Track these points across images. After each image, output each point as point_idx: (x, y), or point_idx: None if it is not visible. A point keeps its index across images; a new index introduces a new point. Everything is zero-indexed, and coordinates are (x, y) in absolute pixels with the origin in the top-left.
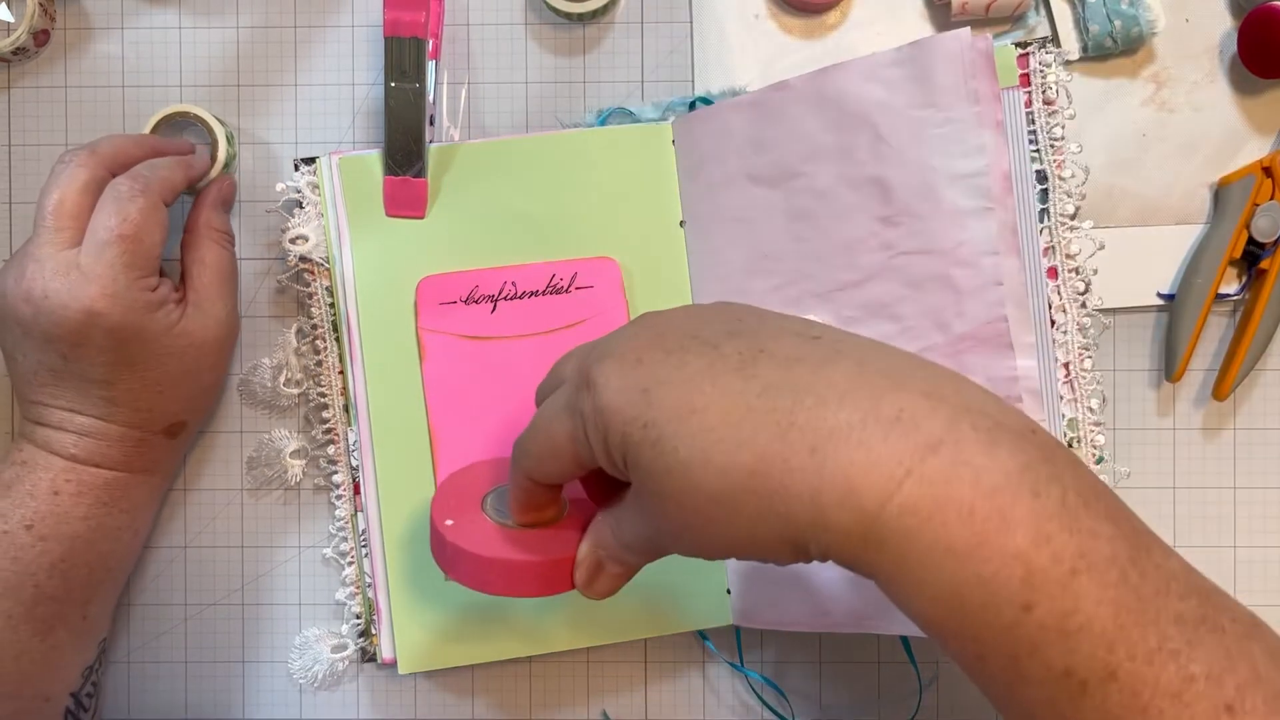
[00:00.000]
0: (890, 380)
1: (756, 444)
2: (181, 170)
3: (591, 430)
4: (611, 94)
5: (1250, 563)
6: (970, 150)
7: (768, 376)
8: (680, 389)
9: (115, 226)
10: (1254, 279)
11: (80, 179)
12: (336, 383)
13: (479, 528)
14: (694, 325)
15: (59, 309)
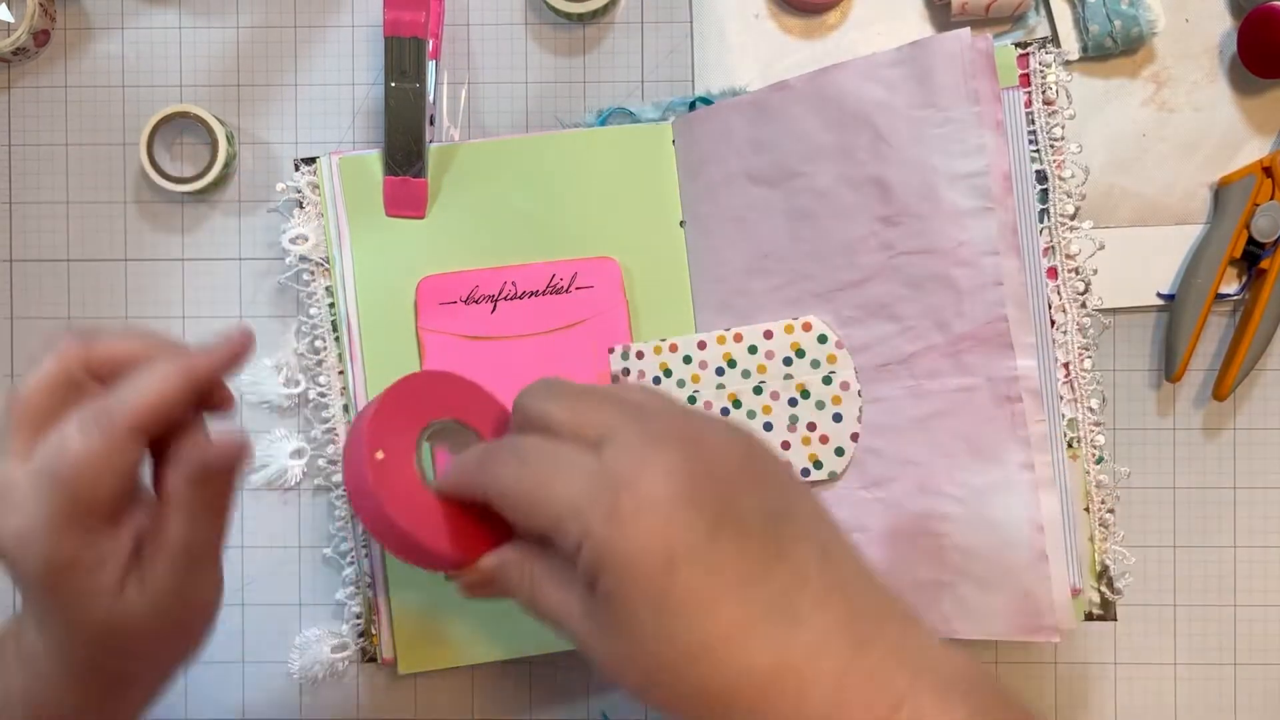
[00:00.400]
0: (870, 627)
1: (747, 664)
2: (173, 382)
3: (593, 547)
4: (611, 94)
5: (1250, 562)
6: (970, 150)
7: (778, 588)
8: (704, 579)
9: (53, 462)
10: (1254, 279)
11: (50, 376)
12: (336, 382)
13: (404, 475)
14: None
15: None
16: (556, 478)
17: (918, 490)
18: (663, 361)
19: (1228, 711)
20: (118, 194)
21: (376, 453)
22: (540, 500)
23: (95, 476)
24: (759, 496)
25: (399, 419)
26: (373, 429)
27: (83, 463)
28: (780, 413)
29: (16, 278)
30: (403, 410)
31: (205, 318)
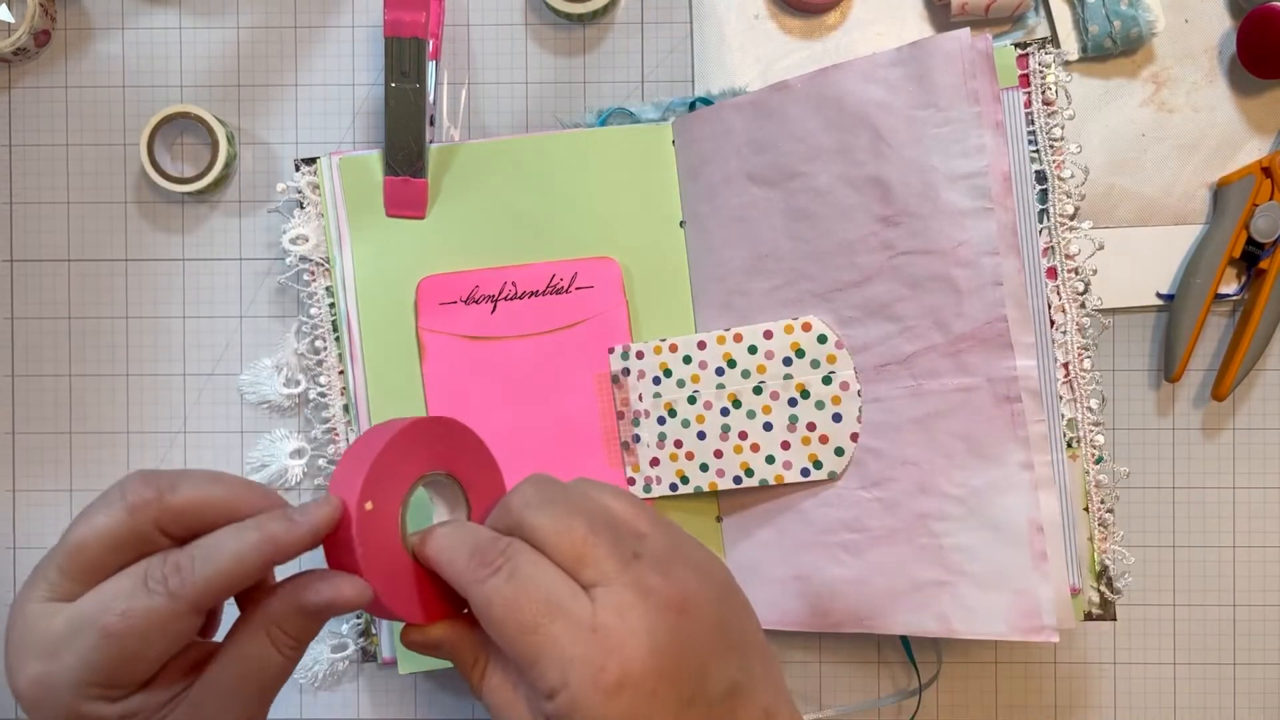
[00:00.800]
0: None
1: None
2: (253, 556)
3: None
4: (611, 94)
5: (1249, 562)
6: (970, 150)
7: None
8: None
9: (104, 614)
10: (1253, 279)
11: (117, 528)
12: (336, 382)
13: (386, 529)
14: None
15: (4, 670)
16: (544, 618)
17: (917, 490)
18: (663, 361)
19: (1226, 711)
20: (118, 194)
21: (366, 503)
22: (524, 635)
23: (148, 637)
24: (725, 666)
25: (396, 468)
26: (370, 479)
27: (140, 622)
28: (780, 413)
29: (16, 278)
30: (402, 459)
31: (205, 318)
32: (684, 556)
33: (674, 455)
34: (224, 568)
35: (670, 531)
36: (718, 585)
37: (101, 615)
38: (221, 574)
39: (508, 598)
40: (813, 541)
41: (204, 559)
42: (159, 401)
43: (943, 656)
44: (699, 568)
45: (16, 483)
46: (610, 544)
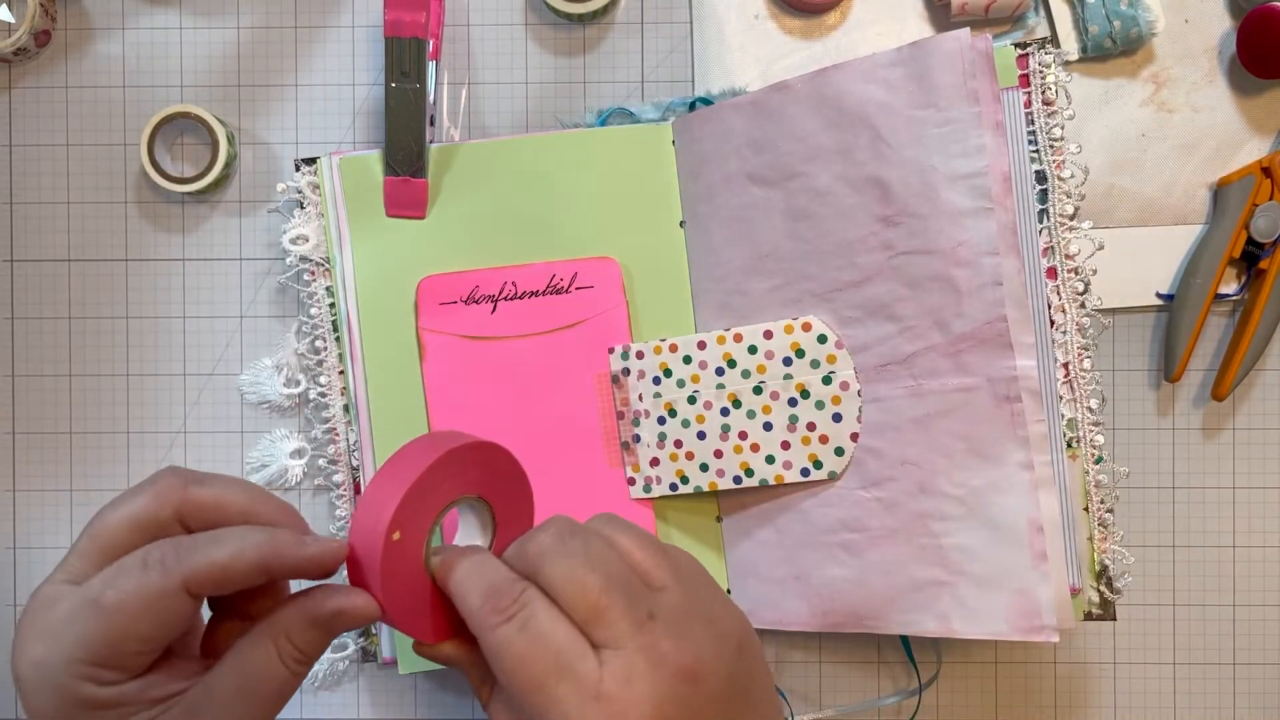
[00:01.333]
0: None
1: None
2: (249, 556)
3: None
4: (611, 94)
5: (1249, 562)
6: (970, 150)
7: None
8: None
9: (101, 589)
10: (1253, 279)
11: (140, 512)
12: (337, 382)
13: (411, 556)
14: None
15: (10, 656)
16: (551, 678)
17: (917, 490)
18: (663, 361)
19: (1226, 710)
20: (118, 194)
21: (394, 534)
22: (530, 693)
23: (137, 613)
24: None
25: (430, 493)
26: (401, 508)
27: (129, 597)
28: (780, 412)
29: (17, 278)
30: (439, 484)
31: (205, 317)
32: (701, 613)
33: (674, 455)
34: (220, 558)
35: (690, 583)
36: (733, 645)
37: (100, 590)
38: (217, 564)
39: (517, 652)
40: (812, 541)
41: (205, 545)
42: (159, 401)
43: (943, 656)
44: (715, 625)
45: (16, 483)
46: (625, 603)
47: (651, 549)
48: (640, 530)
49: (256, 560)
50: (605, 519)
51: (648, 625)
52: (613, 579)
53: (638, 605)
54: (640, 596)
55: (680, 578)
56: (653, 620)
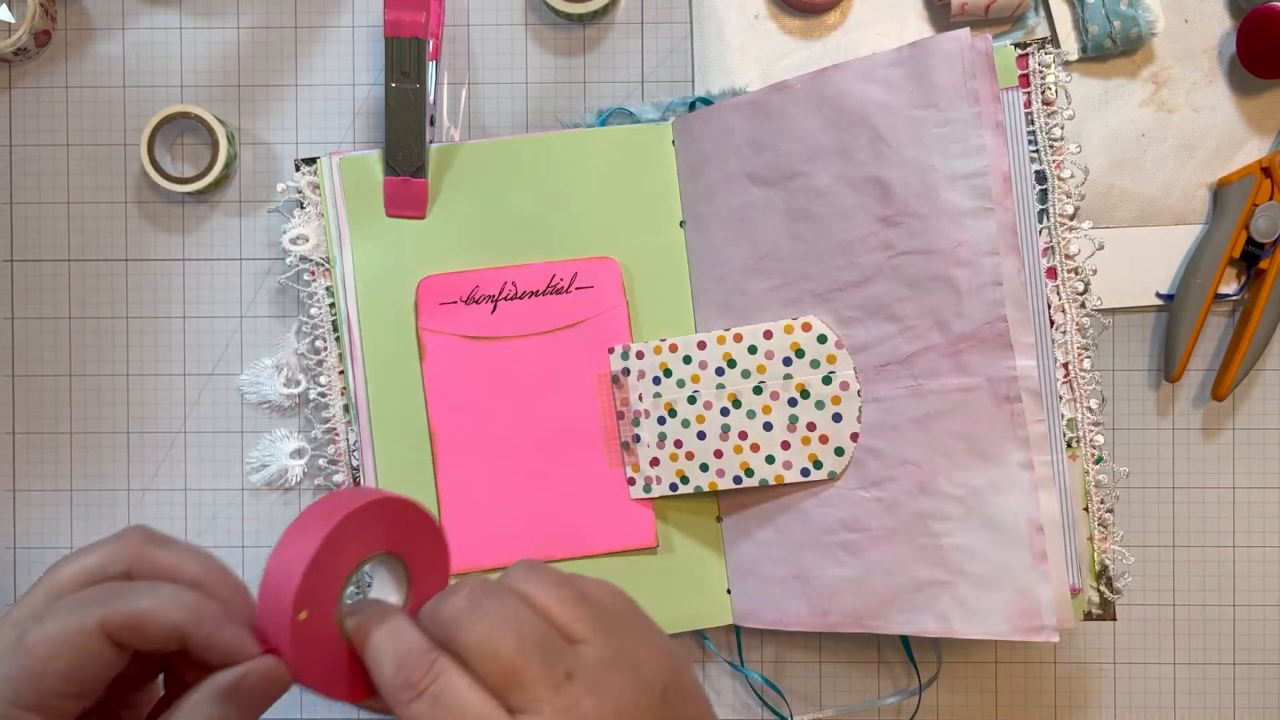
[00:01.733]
0: None
1: None
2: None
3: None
4: (611, 94)
5: (1249, 562)
6: (970, 150)
7: None
8: None
9: (26, 627)
10: (1253, 279)
11: (93, 565)
12: (337, 382)
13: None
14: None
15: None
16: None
17: (917, 490)
18: (662, 361)
19: (1226, 710)
20: (118, 194)
21: (300, 614)
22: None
23: (53, 652)
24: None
25: (330, 565)
26: (305, 585)
27: (48, 634)
28: (780, 412)
29: (17, 278)
30: (337, 554)
31: (205, 317)
32: (625, 661)
33: (674, 455)
34: (140, 607)
35: (613, 630)
36: (658, 692)
37: (25, 629)
38: (134, 611)
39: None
40: (812, 541)
41: (131, 592)
42: (159, 401)
43: (943, 656)
44: (639, 671)
45: (17, 483)
46: (540, 664)
47: (570, 600)
48: (561, 579)
49: (176, 620)
50: (523, 570)
51: (565, 686)
52: (527, 640)
53: (554, 665)
54: (557, 655)
55: (602, 625)
56: (571, 679)
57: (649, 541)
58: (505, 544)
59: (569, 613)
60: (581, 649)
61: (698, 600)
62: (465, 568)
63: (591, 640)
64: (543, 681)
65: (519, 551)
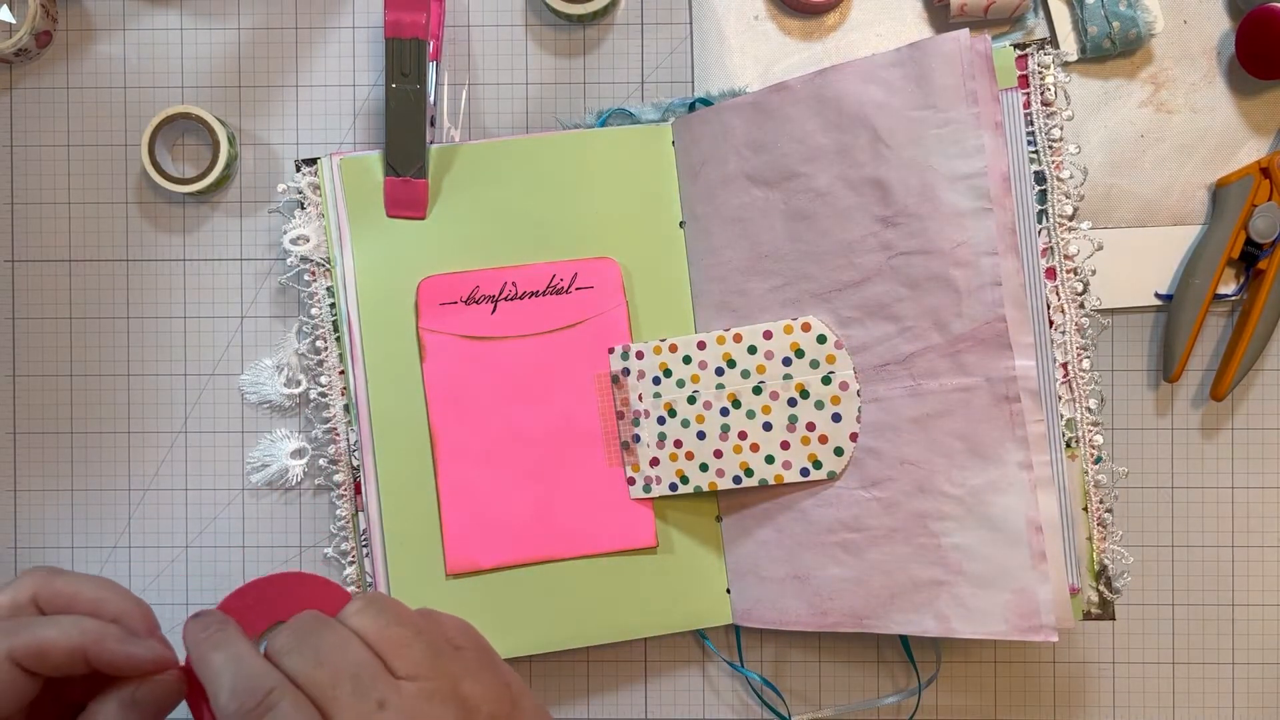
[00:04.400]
0: None
1: None
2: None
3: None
4: (611, 95)
5: (1247, 562)
6: (969, 151)
7: None
8: None
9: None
10: (1252, 279)
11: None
12: (337, 383)
13: None
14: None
15: None
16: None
17: (916, 490)
18: (662, 361)
19: (1225, 710)
20: (119, 194)
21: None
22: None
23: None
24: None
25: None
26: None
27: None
28: (779, 413)
29: (17, 278)
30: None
31: (206, 318)
32: (450, 695)
33: (674, 455)
34: (43, 636)
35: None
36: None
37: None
38: (39, 639)
39: None
40: (812, 541)
41: (37, 624)
42: (159, 401)
43: (942, 656)
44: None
45: (17, 483)
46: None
47: (398, 638)
48: (398, 617)
49: (78, 644)
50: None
51: (376, 716)
52: (340, 671)
53: (366, 696)
54: (370, 686)
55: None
56: (383, 710)
57: (649, 541)
58: (505, 544)
59: (395, 649)
60: (403, 684)
61: (697, 600)
62: (465, 568)
63: (415, 675)
64: (352, 710)
65: (519, 551)
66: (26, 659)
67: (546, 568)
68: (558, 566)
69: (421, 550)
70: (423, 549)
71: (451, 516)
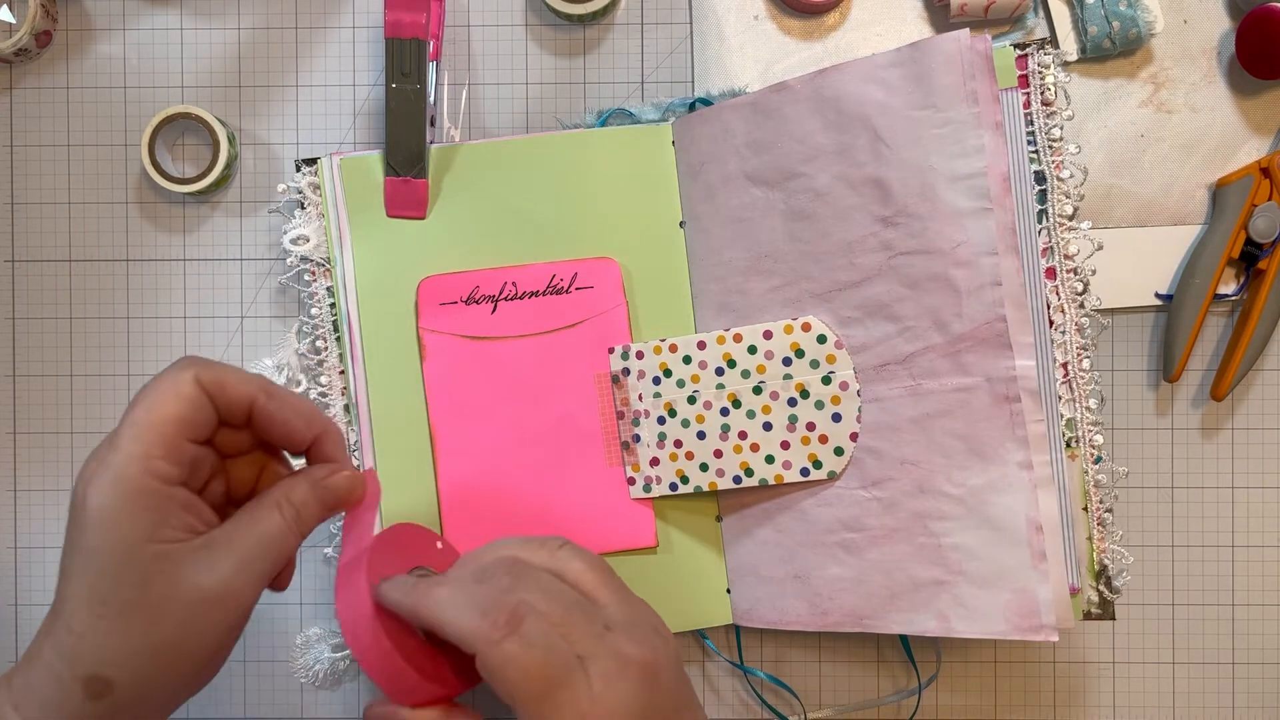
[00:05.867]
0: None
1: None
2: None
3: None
4: (611, 95)
5: (1247, 562)
6: (969, 151)
7: None
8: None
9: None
10: (1252, 279)
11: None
12: (337, 383)
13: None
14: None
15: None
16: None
17: (916, 490)
18: (662, 361)
19: (1225, 710)
20: (119, 194)
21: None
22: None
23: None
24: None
25: (389, 562)
26: (371, 562)
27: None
28: (779, 412)
29: (17, 278)
30: (391, 554)
31: (206, 318)
32: (642, 620)
33: (674, 455)
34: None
35: (625, 597)
36: (674, 648)
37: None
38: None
39: (523, 664)
40: (812, 541)
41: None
42: None
43: (942, 656)
44: (657, 630)
45: (17, 483)
46: (584, 621)
47: (593, 564)
48: (584, 554)
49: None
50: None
51: (608, 636)
52: (569, 602)
53: (595, 621)
54: (593, 614)
55: (616, 592)
56: (610, 631)
57: (649, 541)
58: None
59: (593, 578)
60: (608, 609)
61: (698, 600)
62: None
63: (613, 605)
64: (589, 635)
65: None
66: (209, 384)
67: None
68: None
69: None
70: None
71: (452, 516)
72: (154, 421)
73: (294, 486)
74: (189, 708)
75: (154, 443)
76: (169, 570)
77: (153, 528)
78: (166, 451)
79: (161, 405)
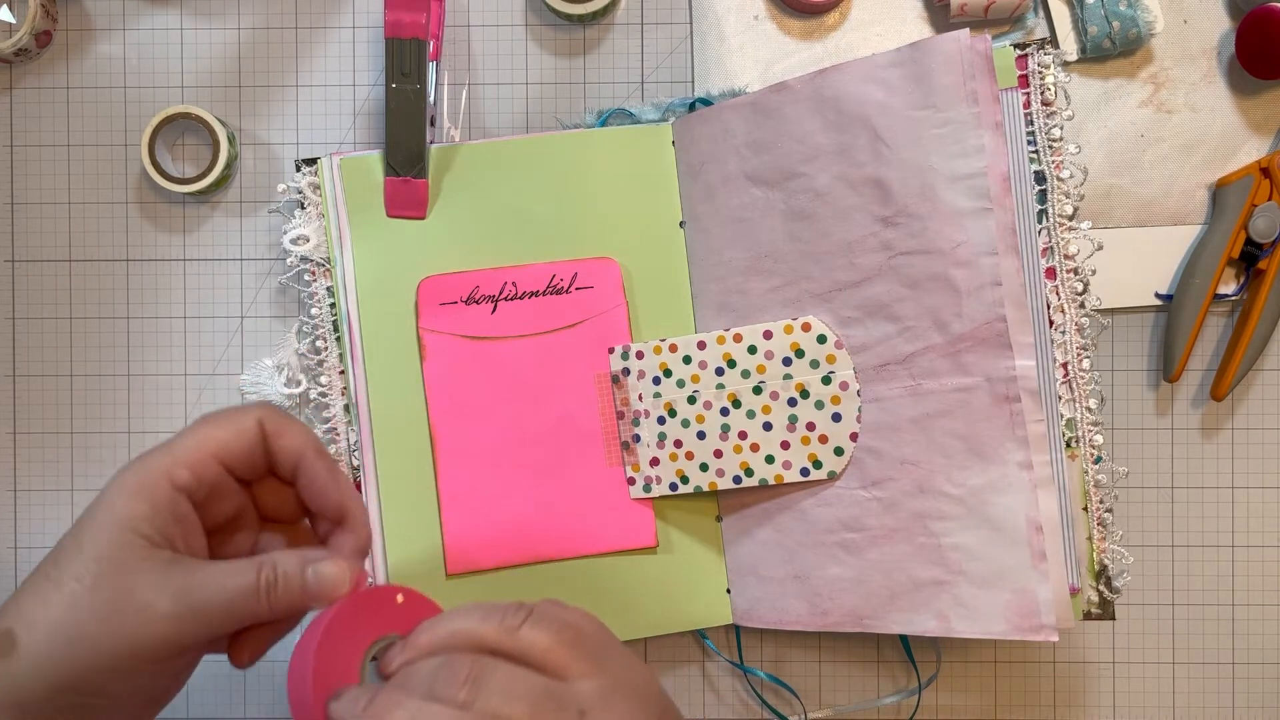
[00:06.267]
0: None
1: None
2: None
3: None
4: (611, 95)
5: (1247, 562)
6: (969, 151)
7: None
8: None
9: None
10: (1252, 279)
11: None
12: (337, 383)
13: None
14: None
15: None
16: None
17: (916, 490)
18: (662, 361)
19: (1225, 710)
20: (119, 194)
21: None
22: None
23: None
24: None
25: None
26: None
27: (216, 412)
28: (780, 412)
29: (17, 278)
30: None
31: (206, 318)
32: (621, 684)
33: (674, 455)
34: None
35: (600, 663)
36: (657, 700)
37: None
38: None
39: None
40: (812, 541)
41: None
42: (159, 401)
43: (942, 656)
44: (638, 692)
45: (17, 483)
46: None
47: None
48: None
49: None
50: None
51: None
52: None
53: (566, 707)
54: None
55: (597, 657)
56: (585, 715)
57: (649, 541)
58: (505, 544)
59: (563, 657)
60: (582, 686)
61: (697, 600)
62: (466, 568)
63: (590, 675)
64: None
65: (519, 551)
66: (269, 424)
67: (547, 568)
68: (558, 566)
69: (422, 550)
70: (423, 549)
71: (452, 516)
72: (199, 437)
73: (286, 555)
74: (189, 708)
75: (187, 449)
76: (122, 561)
77: (135, 518)
78: (192, 462)
79: (214, 426)
